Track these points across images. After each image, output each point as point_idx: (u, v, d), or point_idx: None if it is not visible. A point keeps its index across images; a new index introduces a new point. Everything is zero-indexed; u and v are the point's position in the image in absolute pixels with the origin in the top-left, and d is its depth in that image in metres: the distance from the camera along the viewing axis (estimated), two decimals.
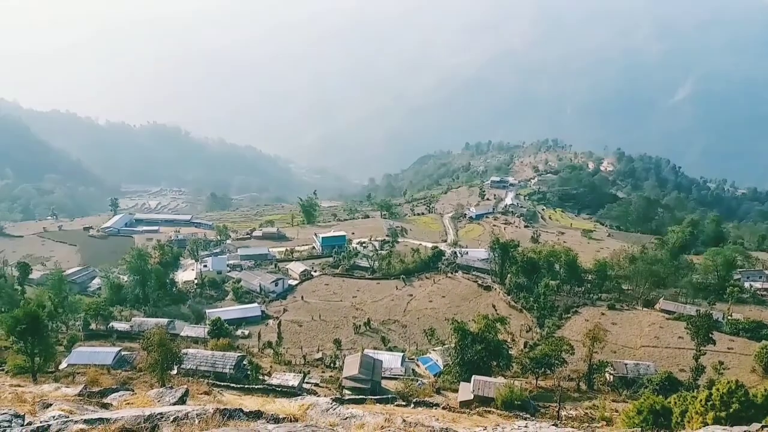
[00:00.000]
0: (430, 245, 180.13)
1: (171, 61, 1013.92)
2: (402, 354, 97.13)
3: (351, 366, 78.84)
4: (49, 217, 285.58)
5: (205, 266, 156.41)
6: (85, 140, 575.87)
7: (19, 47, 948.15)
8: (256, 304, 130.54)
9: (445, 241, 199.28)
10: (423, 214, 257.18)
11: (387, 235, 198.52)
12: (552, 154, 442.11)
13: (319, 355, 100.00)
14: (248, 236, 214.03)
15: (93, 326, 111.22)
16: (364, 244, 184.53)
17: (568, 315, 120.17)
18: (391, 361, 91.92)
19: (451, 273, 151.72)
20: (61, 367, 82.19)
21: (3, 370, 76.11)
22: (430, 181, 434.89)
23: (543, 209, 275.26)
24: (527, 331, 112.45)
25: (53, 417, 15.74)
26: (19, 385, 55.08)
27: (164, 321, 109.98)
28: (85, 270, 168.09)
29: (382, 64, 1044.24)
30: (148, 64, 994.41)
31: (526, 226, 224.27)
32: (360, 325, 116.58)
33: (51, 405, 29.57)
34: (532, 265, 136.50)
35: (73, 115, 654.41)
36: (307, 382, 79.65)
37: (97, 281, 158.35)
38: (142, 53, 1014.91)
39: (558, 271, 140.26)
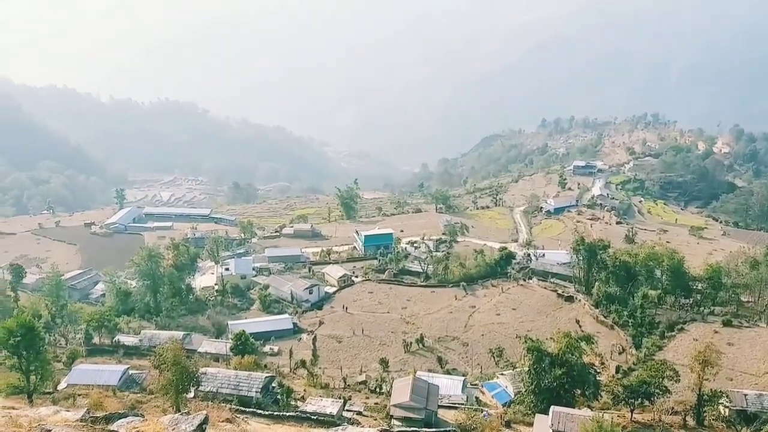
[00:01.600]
0: (497, 246, 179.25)
1: (182, 29, 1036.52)
2: (463, 378, 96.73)
3: (401, 392, 78.94)
4: (45, 212, 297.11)
5: (227, 269, 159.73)
6: (86, 121, 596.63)
7: (7, 14, 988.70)
8: (286, 316, 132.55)
9: (516, 240, 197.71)
10: (488, 207, 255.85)
11: (444, 234, 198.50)
12: (651, 132, 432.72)
13: (363, 377, 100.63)
14: (277, 234, 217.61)
15: (96, 340, 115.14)
16: (415, 244, 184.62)
17: (672, 333, 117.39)
18: (449, 386, 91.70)
19: (524, 280, 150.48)
20: (59, 387, 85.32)
21: None
22: (497, 167, 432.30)
23: (640, 201, 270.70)
24: (620, 353, 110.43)
25: None
26: (13, 408, 57.50)
27: (179, 334, 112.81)
28: (87, 273, 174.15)
29: (436, 25, 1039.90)
30: (155, 32, 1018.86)
31: (618, 223, 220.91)
32: (411, 343, 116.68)
33: (50, 431, 30.87)
34: (626, 271, 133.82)
35: (71, 91, 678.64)
36: (347, 410, 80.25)
37: (100, 287, 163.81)
38: (147, 20, 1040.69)
39: (659, 279, 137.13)
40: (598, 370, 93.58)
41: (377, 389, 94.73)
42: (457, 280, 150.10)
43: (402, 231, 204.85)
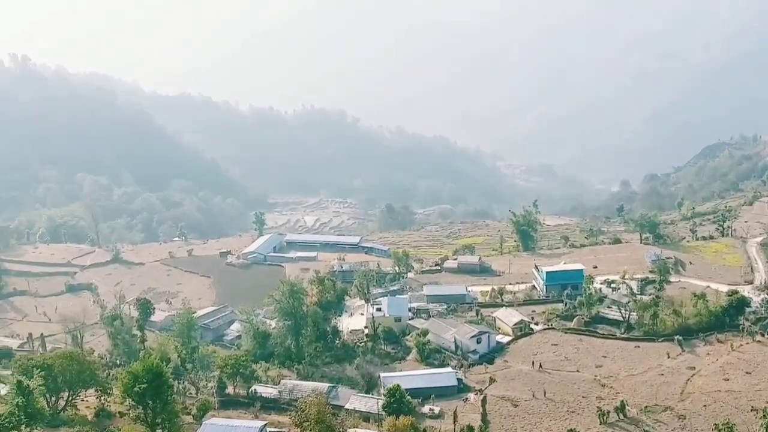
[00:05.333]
0: (724, 288, 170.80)
1: (329, 24, 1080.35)
2: None
3: None
4: (177, 238, 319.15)
5: (379, 310, 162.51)
6: (222, 134, 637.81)
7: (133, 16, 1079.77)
8: (450, 369, 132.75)
9: (751, 282, 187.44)
10: (712, 238, 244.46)
11: (651, 271, 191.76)
12: None
13: None
14: (438, 268, 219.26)
15: (230, 389, 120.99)
16: (613, 285, 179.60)
17: None
18: None
19: (762, 335, 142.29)
20: None
21: None
22: (724, 185, 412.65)
23: None
24: None
25: None
26: None
27: (324, 386, 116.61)
28: (222, 311, 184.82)
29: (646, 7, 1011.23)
30: (297, 30, 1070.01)
31: None
32: (609, 412, 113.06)
33: None
34: None
35: (206, 99, 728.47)
36: None
37: (236, 326, 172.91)
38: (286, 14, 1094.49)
39: None
40: None
41: None
42: (670, 332, 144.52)
43: (595, 267, 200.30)
